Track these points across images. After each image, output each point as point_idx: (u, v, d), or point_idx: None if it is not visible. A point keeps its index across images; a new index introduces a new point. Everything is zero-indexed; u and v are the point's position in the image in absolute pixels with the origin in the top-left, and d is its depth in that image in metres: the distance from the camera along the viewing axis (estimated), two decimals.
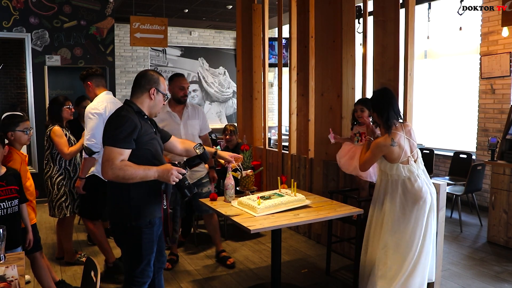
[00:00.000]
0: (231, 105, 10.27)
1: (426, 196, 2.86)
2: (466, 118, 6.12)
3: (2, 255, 2.07)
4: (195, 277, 3.65)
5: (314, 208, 2.98)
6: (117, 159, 2.09)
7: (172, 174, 2.12)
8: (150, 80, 2.28)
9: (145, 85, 2.27)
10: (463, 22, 5.43)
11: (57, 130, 3.65)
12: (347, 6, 4.05)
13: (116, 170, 2.08)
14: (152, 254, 2.31)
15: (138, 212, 2.21)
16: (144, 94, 2.27)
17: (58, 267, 3.82)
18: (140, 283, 2.29)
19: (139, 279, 2.28)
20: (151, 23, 6.53)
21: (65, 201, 3.74)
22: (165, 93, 2.34)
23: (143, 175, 2.11)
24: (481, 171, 4.97)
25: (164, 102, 2.36)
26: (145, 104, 2.28)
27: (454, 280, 3.53)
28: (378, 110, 2.90)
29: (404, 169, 2.85)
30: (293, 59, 4.88)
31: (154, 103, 2.30)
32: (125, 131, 2.11)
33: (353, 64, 4.12)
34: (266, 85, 5.54)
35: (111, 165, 2.08)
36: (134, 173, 2.09)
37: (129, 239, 2.25)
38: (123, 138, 2.11)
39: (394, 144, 2.82)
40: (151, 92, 2.27)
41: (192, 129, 3.71)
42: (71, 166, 3.80)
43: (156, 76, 2.31)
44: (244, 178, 3.32)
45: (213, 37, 10.03)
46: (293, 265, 3.87)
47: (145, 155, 2.20)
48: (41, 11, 6.13)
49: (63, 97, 3.85)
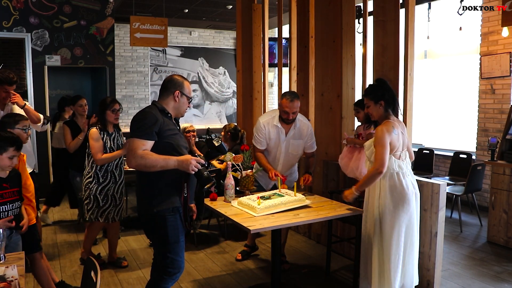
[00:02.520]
0: (231, 105, 10.27)
1: (411, 196, 2.84)
2: (466, 118, 6.12)
3: (2, 255, 2.07)
4: (195, 277, 3.65)
5: (314, 208, 2.98)
6: (140, 149, 2.27)
7: (191, 164, 2.27)
8: (175, 84, 2.47)
9: (171, 88, 2.46)
10: (463, 22, 5.43)
11: (94, 133, 3.53)
12: (347, 6, 4.05)
13: (138, 159, 2.26)
14: (179, 243, 2.40)
15: (161, 199, 2.35)
16: (169, 97, 2.46)
17: (58, 267, 3.82)
18: (171, 274, 2.41)
19: (170, 269, 2.40)
20: (151, 23, 6.53)
21: (87, 204, 3.60)
22: (189, 96, 2.51)
23: (163, 164, 2.28)
24: (481, 171, 4.97)
25: (188, 104, 2.53)
26: (170, 105, 2.47)
27: (454, 280, 3.53)
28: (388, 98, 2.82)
29: (395, 163, 2.82)
30: (293, 59, 4.88)
31: (178, 104, 2.48)
32: (147, 124, 2.30)
33: (353, 64, 4.12)
34: (266, 85, 5.54)
35: (134, 154, 2.27)
36: (154, 161, 2.26)
37: (155, 227, 2.39)
38: (145, 130, 2.29)
39: (395, 132, 2.77)
40: (176, 94, 2.45)
41: (293, 148, 3.57)
42: (101, 171, 3.57)
43: (181, 80, 2.50)
44: (244, 178, 3.32)
45: (213, 37, 10.03)
46: (293, 265, 3.87)
47: (165, 147, 2.35)
48: (41, 11, 6.12)
49: (110, 99, 3.64)
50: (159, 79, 9.43)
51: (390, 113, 2.84)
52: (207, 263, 3.94)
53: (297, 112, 3.45)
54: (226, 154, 3.26)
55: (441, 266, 3.28)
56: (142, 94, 9.37)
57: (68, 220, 5.34)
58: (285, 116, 3.43)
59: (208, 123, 9.82)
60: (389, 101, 2.82)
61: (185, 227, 2.49)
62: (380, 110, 2.84)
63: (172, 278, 2.43)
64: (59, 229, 4.97)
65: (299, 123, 3.53)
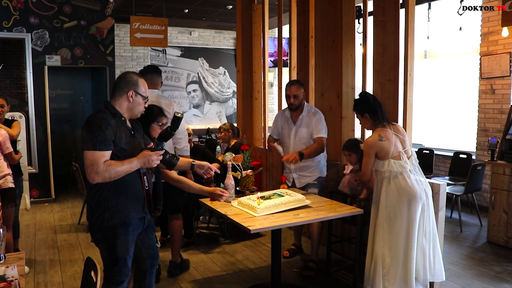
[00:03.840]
0: (231, 105, 10.27)
1: (420, 193, 2.88)
2: (466, 118, 6.12)
3: (2, 255, 2.07)
4: (195, 277, 3.65)
5: (314, 208, 2.98)
6: (101, 162, 2.11)
7: (153, 160, 2.21)
8: (128, 82, 2.26)
9: (124, 87, 2.26)
10: (463, 22, 5.43)
11: None
12: (347, 6, 4.05)
13: (102, 173, 2.11)
14: (128, 254, 2.32)
15: (112, 214, 2.23)
16: (122, 96, 2.26)
17: (58, 267, 3.82)
18: (118, 282, 2.32)
19: (116, 277, 2.31)
20: (151, 23, 6.53)
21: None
22: (144, 95, 2.30)
23: (127, 169, 2.17)
24: (481, 171, 4.97)
25: (144, 104, 2.32)
26: (123, 106, 2.27)
27: (454, 280, 3.53)
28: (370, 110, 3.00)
29: (395, 164, 2.90)
30: (293, 59, 4.88)
31: (133, 105, 2.28)
32: (103, 132, 2.12)
33: (353, 64, 4.12)
34: (266, 85, 5.54)
35: (96, 169, 2.10)
36: (119, 170, 2.14)
37: (105, 239, 2.28)
38: (103, 140, 2.12)
39: (382, 139, 2.90)
40: (130, 94, 2.25)
41: (300, 136, 3.71)
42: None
43: (135, 78, 2.29)
44: (244, 178, 3.32)
45: (213, 37, 10.03)
46: (293, 265, 3.87)
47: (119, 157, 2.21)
48: (41, 11, 6.12)
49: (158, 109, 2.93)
50: None
51: (380, 120, 2.99)
52: (207, 263, 3.94)
53: (299, 97, 3.65)
54: (226, 154, 3.26)
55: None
56: None
57: (68, 220, 5.34)
58: (288, 101, 3.66)
59: (208, 123, 9.82)
60: (373, 111, 3.00)
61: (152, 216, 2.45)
62: (368, 121, 3.03)
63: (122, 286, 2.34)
64: (59, 229, 4.97)
65: (307, 112, 3.71)
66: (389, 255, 2.91)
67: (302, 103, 3.70)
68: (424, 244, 2.93)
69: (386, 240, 2.94)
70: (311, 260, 3.75)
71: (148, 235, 2.52)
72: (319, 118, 3.69)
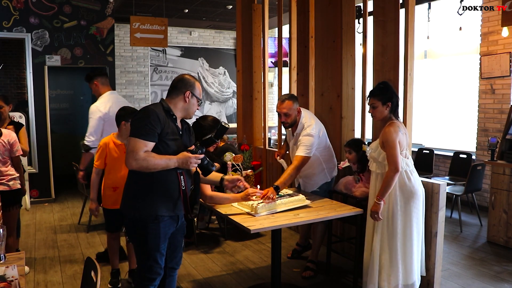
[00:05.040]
0: (231, 105, 10.27)
1: (421, 192, 2.94)
2: (466, 118, 6.12)
3: (2, 255, 2.07)
4: (195, 277, 3.65)
5: (314, 208, 2.98)
6: (142, 150, 2.20)
7: (191, 162, 2.28)
8: (186, 84, 2.40)
9: (182, 87, 2.39)
10: (463, 22, 5.43)
11: None
12: (347, 6, 4.05)
13: (140, 161, 2.19)
14: (159, 251, 2.34)
15: (142, 205, 2.29)
16: (179, 96, 2.39)
17: (58, 267, 3.82)
18: (149, 279, 2.37)
19: (147, 274, 2.36)
20: (151, 23, 6.53)
21: None
22: (199, 97, 2.46)
23: (164, 165, 2.24)
24: (481, 171, 4.97)
25: (198, 106, 2.46)
26: (178, 105, 2.39)
27: (454, 280, 3.53)
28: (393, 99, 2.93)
29: (403, 161, 2.89)
30: (293, 59, 4.88)
31: (188, 105, 2.40)
32: (150, 123, 2.21)
33: (353, 64, 4.12)
34: (266, 85, 5.54)
35: (135, 155, 2.19)
36: (156, 163, 2.22)
37: (136, 232, 2.34)
38: (148, 130, 2.21)
39: (402, 132, 2.88)
40: (186, 95, 2.38)
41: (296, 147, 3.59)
42: None
43: (192, 80, 2.43)
44: (244, 178, 3.31)
45: (213, 37, 10.03)
46: (293, 265, 3.87)
47: (161, 152, 2.28)
48: (41, 11, 6.12)
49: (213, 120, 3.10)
50: (159, 79, 9.44)
51: (397, 112, 2.97)
52: (207, 263, 3.94)
53: (291, 116, 3.46)
54: (226, 154, 3.27)
55: (441, 266, 3.28)
56: (142, 94, 9.37)
57: (68, 220, 5.34)
58: (279, 119, 3.57)
59: None
60: (395, 103, 2.94)
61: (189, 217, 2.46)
62: (385, 111, 2.93)
63: (152, 284, 2.38)
64: (59, 229, 4.97)
65: (301, 126, 3.51)
66: (388, 251, 2.92)
67: (295, 121, 3.52)
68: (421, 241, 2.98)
69: (384, 236, 2.94)
70: (311, 261, 3.75)
71: (177, 237, 2.53)
72: (307, 134, 3.45)
